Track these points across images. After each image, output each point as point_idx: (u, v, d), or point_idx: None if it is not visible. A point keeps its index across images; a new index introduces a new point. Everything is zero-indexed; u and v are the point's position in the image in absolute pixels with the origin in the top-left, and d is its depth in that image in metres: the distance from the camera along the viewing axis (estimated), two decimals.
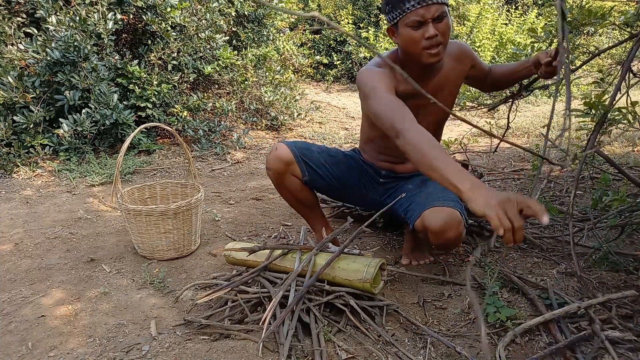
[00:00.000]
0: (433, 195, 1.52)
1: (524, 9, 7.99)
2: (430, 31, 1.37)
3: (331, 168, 1.72)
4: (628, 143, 3.70)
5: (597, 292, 1.49)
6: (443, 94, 1.60)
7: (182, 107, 3.46)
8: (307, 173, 1.69)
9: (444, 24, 1.39)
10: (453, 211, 1.44)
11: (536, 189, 1.90)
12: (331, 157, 1.74)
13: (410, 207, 1.57)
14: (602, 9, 1.61)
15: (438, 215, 1.43)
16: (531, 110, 5.17)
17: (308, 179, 1.70)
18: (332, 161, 1.73)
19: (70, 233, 2.13)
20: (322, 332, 1.32)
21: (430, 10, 1.35)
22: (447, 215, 1.42)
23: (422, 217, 1.47)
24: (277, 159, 1.66)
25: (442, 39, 1.40)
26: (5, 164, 2.94)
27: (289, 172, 1.68)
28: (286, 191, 1.74)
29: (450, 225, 1.42)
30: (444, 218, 1.42)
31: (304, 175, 1.69)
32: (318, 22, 1.34)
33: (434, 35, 1.38)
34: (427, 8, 1.35)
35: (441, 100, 1.57)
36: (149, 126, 2.09)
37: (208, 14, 3.65)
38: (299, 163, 1.67)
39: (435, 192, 1.54)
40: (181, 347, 1.31)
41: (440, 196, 1.51)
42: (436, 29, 1.38)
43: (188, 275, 1.75)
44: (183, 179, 2.80)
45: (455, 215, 1.43)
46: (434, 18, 1.37)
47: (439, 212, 1.44)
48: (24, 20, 3.24)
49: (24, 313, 1.51)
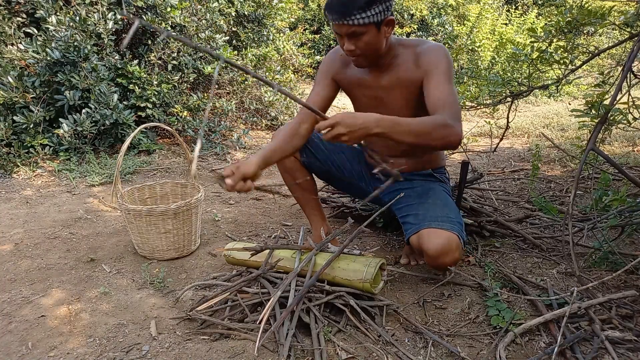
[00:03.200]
0: (432, 211, 1.50)
1: (524, 9, 7.99)
2: (345, 45, 1.41)
3: (331, 155, 1.78)
4: (628, 143, 3.70)
5: (597, 292, 1.49)
6: (394, 93, 1.56)
7: (182, 107, 3.46)
8: (305, 155, 1.75)
9: (361, 42, 1.39)
10: (451, 236, 1.42)
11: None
12: (334, 145, 1.78)
13: (408, 219, 1.55)
14: (602, 8, 1.61)
15: (435, 239, 1.41)
16: (531, 110, 5.17)
17: (306, 161, 1.76)
18: (333, 149, 1.79)
19: (70, 233, 2.13)
20: (322, 332, 1.32)
21: (342, 28, 1.37)
22: (444, 240, 1.41)
23: (418, 236, 1.46)
24: None
25: (360, 52, 1.42)
26: (5, 164, 2.94)
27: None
28: (285, 169, 1.80)
29: (447, 251, 1.41)
30: (442, 243, 1.41)
31: (302, 156, 1.75)
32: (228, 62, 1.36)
33: (347, 50, 1.42)
34: (339, 26, 1.38)
35: (393, 99, 1.56)
36: (149, 126, 2.09)
37: (208, 14, 3.65)
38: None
39: (435, 207, 1.52)
40: (181, 347, 1.31)
41: (439, 214, 1.48)
42: (354, 44, 1.40)
43: (188, 275, 1.75)
44: (183, 179, 2.80)
45: (452, 240, 1.42)
46: (348, 34, 1.38)
47: (436, 235, 1.42)
48: (24, 20, 3.24)
49: (24, 313, 1.51)
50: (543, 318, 1.34)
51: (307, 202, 1.86)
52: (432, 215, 1.48)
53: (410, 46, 1.51)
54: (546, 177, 2.87)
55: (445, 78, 1.41)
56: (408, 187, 1.68)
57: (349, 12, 1.32)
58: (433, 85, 1.42)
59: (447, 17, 6.64)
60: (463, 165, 1.87)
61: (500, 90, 2.23)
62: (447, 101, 1.37)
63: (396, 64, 1.51)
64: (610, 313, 1.37)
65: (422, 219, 1.48)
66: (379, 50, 1.44)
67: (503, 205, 2.39)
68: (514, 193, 2.60)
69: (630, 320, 1.37)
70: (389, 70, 1.53)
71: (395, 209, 1.66)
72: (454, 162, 3.32)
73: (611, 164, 1.52)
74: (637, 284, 1.57)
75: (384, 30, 1.41)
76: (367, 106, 1.64)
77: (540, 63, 1.99)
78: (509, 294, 1.52)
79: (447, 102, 1.37)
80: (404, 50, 1.51)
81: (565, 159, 3.23)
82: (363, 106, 1.67)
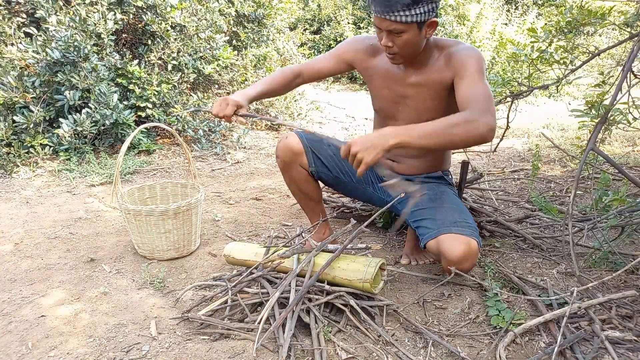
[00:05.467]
0: (450, 216, 1.49)
1: (524, 9, 7.99)
2: (383, 40, 1.41)
3: (339, 162, 1.74)
4: (628, 143, 3.70)
5: (597, 292, 1.49)
6: (421, 92, 1.54)
7: (182, 107, 3.45)
8: (314, 164, 1.72)
9: (400, 40, 1.39)
10: (472, 241, 1.42)
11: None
12: (340, 150, 1.75)
13: (424, 223, 1.53)
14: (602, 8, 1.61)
15: (457, 245, 1.41)
16: (531, 110, 5.17)
17: (314, 170, 1.73)
18: (340, 155, 1.74)
19: (70, 233, 2.13)
20: (322, 332, 1.32)
21: (383, 22, 1.37)
22: (466, 246, 1.41)
23: (438, 241, 1.44)
24: (287, 148, 1.68)
25: (397, 50, 1.42)
26: (5, 164, 2.94)
27: (297, 162, 1.71)
28: (291, 180, 1.77)
29: (468, 256, 1.41)
30: (464, 249, 1.40)
31: (311, 165, 1.72)
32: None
33: (385, 45, 1.42)
34: (380, 19, 1.37)
35: (418, 98, 1.55)
36: (149, 126, 2.09)
37: (208, 14, 3.65)
38: (307, 154, 1.69)
39: (452, 212, 1.51)
40: (181, 347, 1.31)
41: (458, 219, 1.48)
42: (392, 41, 1.40)
43: (188, 275, 1.75)
44: (183, 179, 2.80)
45: (473, 246, 1.42)
46: (388, 30, 1.38)
47: (458, 241, 1.41)
48: (24, 20, 3.23)
49: (24, 313, 1.51)
50: (543, 318, 1.34)
51: (312, 210, 1.86)
52: (451, 220, 1.47)
53: (444, 47, 1.50)
54: (546, 177, 2.87)
55: (476, 77, 1.40)
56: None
57: (393, 8, 1.31)
58: (462, 84, 1.41)
59: (447, 17, 6.63)
60: (463, 165, 1.87)
61: (500, 90, 2.23)
62: (474, 96, 1.36)
63: (429, 63, 1.51)
64: (610, 313, 1.37)
65: (441, 224, 1.47)
66: (417, 50, 1.44)
67: (503, 205, 2.39)
68: (514, 193, 2.60)
69: (630, 320, 1.37)
70: (420, 69, 1.52)
71: (404, 210, 1.64)
72: (454, 162, 3.32)
73: (611, 164, 1.52)
74: (637, 284, 1.57)
75: (425, 31, 1.40)
76: (387, 100, 1.62)
77: (541, 63, 1.99)
78: (509, 294, 1.52)
79: (474, 97, 1.36)
80: (438, 51, 1.50)
81: (565, 159, 3.23)
82: (383, 99, 1.64)
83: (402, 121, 1.61)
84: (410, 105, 1.58)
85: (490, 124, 1.30)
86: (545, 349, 1.28)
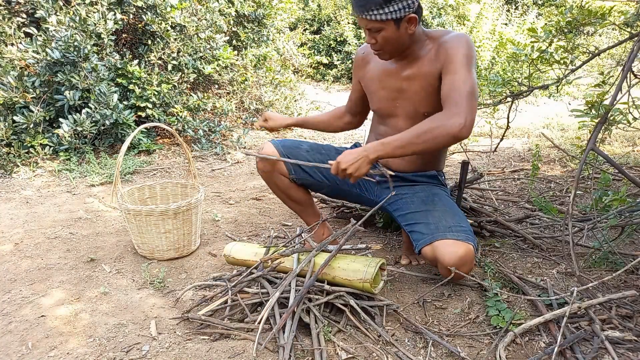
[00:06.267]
0: (443, 221, 1.48)
1: (524, 9, 8.00)
2: (367, 38, 1.48)
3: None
4: (628, 143, 3.70)
5: (597, 292, 1.49)
6: (415, 85, 1.55)
7: (182, 107, 3.46)
8: (294, 171, 1.73)
9: (380, 37, 1.44)
10: (468, 246, 1.42)
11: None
12: (322, 154, 1.74)
13: (417, 228, 1.52)
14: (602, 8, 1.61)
15: (453, 251, 1.40)
16: (531, 110, 5.17)
17: (295, 177, 1.74)
18: (322, 159, 1.70)
19: (70, 233, 2.13)
20: (322, 332, 1.32)
21: (361, 21, 1.44)
22: (463, 252, 1.40)
23: (433, 247, 1.44)
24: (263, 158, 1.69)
25: (380, 47, 1.47)
26: (5, 164, 2.94)
27: (275, 170, 1.72)
28: (276, 189, 1.79)
29: (465, 261, 1.41)
30: (460, 255, 1.40)
31: (291, 173, 1.73)
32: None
33: (369, 42, 1.49)
34: (359, 19, 1.43)
35: (413, 91, 1.56)
36: (149, 126, 2.09)
37: (208, 14, 3.65)
38: (285, 162, 1.70)
39: (445, 216, 1.50)
40: (181, 347, 1.31)
41: (452, 224, 1.47)
42: (374, 38, 1.45)
43: (188, 275, 1.75)
44: (183, 179, 2.80)
45: (470, 251, 1.42)
46: (367, 28, 1.44)
47: (454, 247, 1.41)
48: (24, 20, 3.23)
49: (24, 313, 1.51)
50: (543, 318, 1.34)
51: (304, 213, 1.86)
52: (445, 225, 1.46)
53: (435, 37, 1.51)
54: (546, 177, 2.87)
55: (459, 66, 1.40)
56: (409, 193, 1.65)
57: (367, 7, 1.37)
58: (446, 80, 1.42)
59: (447, 17, 6.64)
60: (463, 165, 1.87)
61: (500, 90, 2.23)
62: (453, 93, 1.38)
63: (421, 55, 1.52)
64: (610, 313, 1.37)
65: (435, 229, 1.46)
66: (400, 46, 1.47)
67: (503, 205, 2.39)
68: (514, 193, 2.60)
69: (630, 320, 1.37)
70: (414, 62, 1.54)
71: (398, 215, 1.62)
72: (454, 162, 3.32)
73: (611, 164, 1.52)
74: (637, 284, 1.57)
75: (405, 27, 1.42)
76: (385, 99, 1.63)
77: (541, 63, 1.99)
78: (509, 294, 1.52)
79: (452, 96, 1.38)
80: (429, 42, 1.52)
81: (565, 159, 3.23)
82: (382, 99, 1.65)
83: (401, 117, 1.62)
84: (407, 99, 1.58)
85: (460, 123, 1.33)
86: (545, 349, 1.28)
